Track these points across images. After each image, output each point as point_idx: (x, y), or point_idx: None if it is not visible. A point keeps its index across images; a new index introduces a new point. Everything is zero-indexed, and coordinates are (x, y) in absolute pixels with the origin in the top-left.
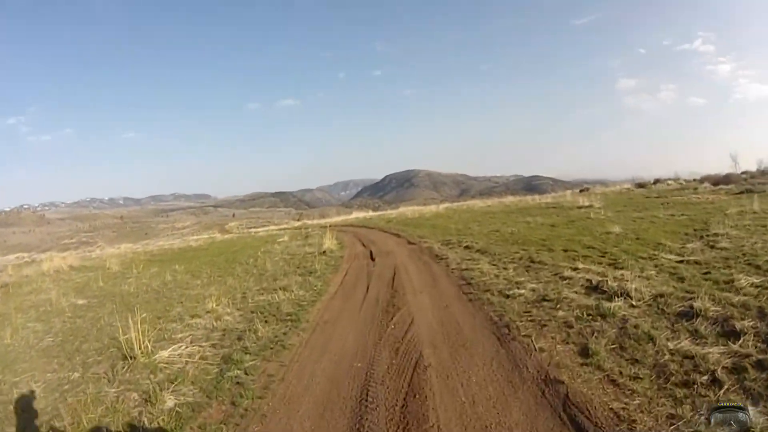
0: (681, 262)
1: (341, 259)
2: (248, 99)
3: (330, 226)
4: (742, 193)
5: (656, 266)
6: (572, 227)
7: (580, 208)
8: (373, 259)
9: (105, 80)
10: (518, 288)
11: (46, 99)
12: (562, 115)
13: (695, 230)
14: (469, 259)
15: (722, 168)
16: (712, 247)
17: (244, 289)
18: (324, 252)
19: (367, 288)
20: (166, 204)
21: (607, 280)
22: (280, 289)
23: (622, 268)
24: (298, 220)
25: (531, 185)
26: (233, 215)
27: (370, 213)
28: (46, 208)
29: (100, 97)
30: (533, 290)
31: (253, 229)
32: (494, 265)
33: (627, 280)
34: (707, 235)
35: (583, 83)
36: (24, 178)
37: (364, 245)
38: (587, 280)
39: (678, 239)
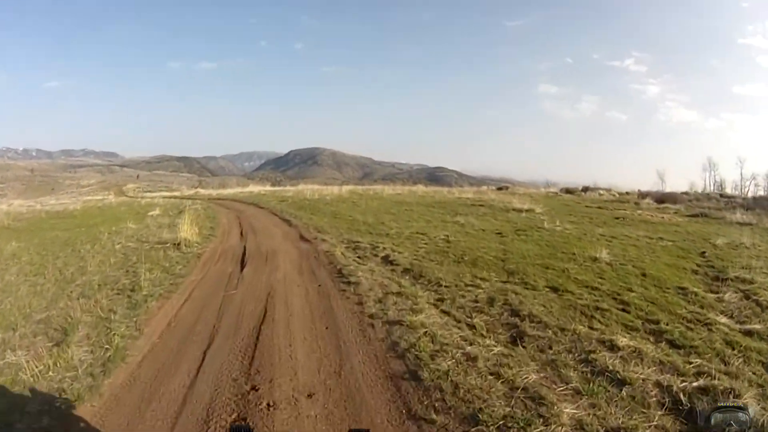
0: (749, 334)
1: (196, 261)
2: (170, 57)
3: (217, 199)
4: (696, 216)
5: (727, 342)
6: (528, 240)
7: (518, 211)
8: (242, 266)
9: (27, 23)
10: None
11: None
12: (475, 111)
13: (700, 266)
14: (397, 293)
15: (644, 184)
16: (756, 302)
17: None
18: (179, 244)
19: (202, 360)
20: (75, 159)
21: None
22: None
23: (682, 348)
24: (195, 188)
25: (435, 176)
26: (137, 177)
27: (268, 187)
28: None
29: (22, 41)
30: None
31: (147, 194)
32: (448, 316)
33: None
34: (727, 278)
35: (502, 83)
36: None
37: (241, 235)
38: (657, 384)
39: (697, 282)
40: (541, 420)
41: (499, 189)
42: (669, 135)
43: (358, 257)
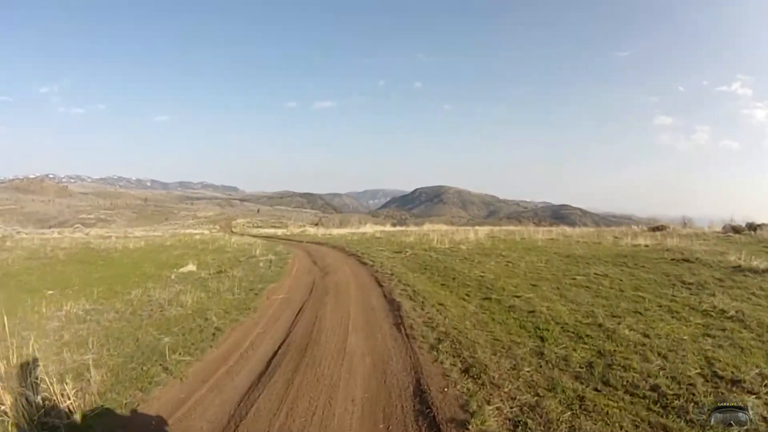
0: None
1: None
2: (287, 97)
3: (317, 243)
4: None
5: None
6: None
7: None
8: None
9: (145, 61)
10: None
11: (81, 72)
12: (591, 147)
13: None
14: None
15: None
16: None
17: None
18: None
19: None
20: (193, 191)
21: None
22: None
23: None
24: (315, 224)
25: (559, 214)
26: (258, 211)
27: (387, 227)
28: (72, 180)
29: (137, 77)
30: None
31: (254, 230)
32: None
33: None
34: None
35: (616, 117)
36: (51, 149)
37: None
38: None
39: None
40: None
41: (656, 230)
42: None
43: None
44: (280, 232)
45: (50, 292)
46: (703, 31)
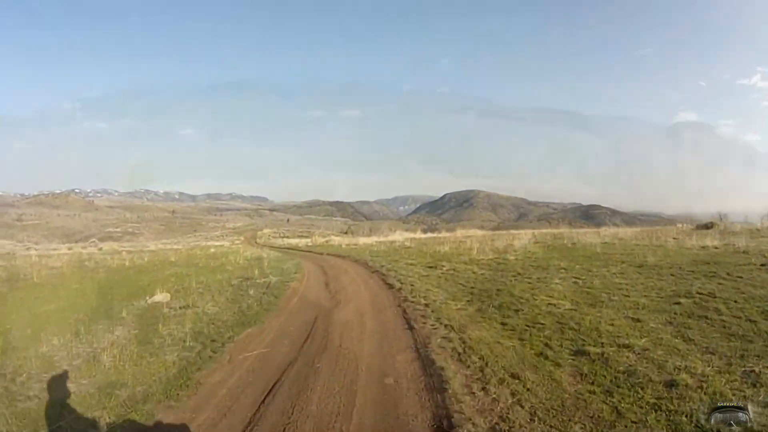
0: None
1: None
2: (311, 107)
3: (338, 256)
4: None
5: None
6: None
7: None
8: None
9: (166, 73)
10: None
11: (105, 87)
12: (616, 146)
13: None
14: None
15: None
16: None
17: None
18: None
19: None
20: (221, 203)
21: None
22: None
23: None
24: (345, 233)
25: (589, 214)
26: (287, 220)
27: (417, 234)
28: (99, 194)
29: (161, 91)
30: None
31: (279, 240)
32: None
33: None
34: None
35: (639, 113)
36: (77, 164)
37: None
38: None
39: None
40: None
41: (705, 227)
42: None
43: None
44: (303, 242)
45: None
46: (721, 24)
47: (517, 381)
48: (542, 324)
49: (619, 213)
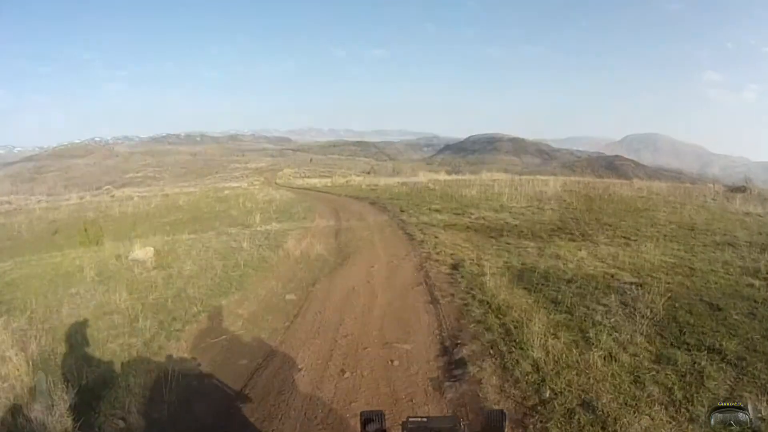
0: None
1: None
2: (337, 45)
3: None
4: None
5: None
6: None
7: None
8: None
9: (188, 18)
10: None
11: (124, 33)
12: (639, 100)
13: None
14: None
15: None
16: None
17: None
18: None
19: None
20: (244, 144)
21: None
22: None
23: None
24: (367, 173)
25: (613, 165)
26: (311, 160)
27: (441, 176)
28: (120, 141)
29: (186, 36)
30: None
31: (300, 180)
32: None
33: None
34: None
35: (665, 68)
36: (97, 112)
37: None
38: None
39: None
40: None
41: (737, 191)
42: None
43: None
44: (323, 182)
45: None
46: None
47: None
48: (605, 304)
49: (642, 166)
